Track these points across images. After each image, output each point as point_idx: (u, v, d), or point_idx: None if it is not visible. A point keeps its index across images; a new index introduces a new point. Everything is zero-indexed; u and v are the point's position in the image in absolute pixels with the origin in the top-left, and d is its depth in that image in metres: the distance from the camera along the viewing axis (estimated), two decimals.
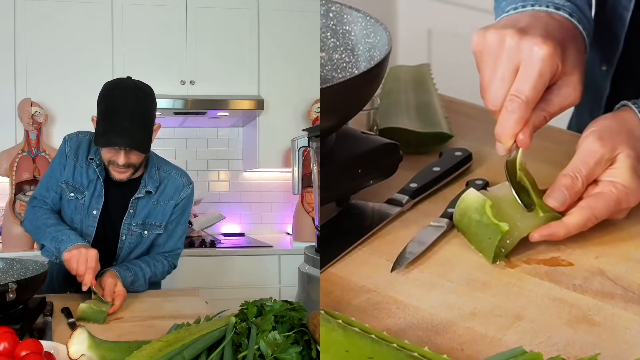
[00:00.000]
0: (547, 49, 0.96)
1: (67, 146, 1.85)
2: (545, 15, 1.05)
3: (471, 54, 1.05)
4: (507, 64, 0.99)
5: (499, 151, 1.02)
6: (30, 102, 3.16)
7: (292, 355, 1.01)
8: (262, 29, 3.52)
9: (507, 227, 0.98)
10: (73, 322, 1.47)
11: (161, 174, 1.87)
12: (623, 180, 0.99)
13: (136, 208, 1.84)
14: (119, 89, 1.72)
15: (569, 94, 1.01)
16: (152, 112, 1.76)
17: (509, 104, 0.98)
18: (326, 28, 1.19)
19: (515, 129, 0.99)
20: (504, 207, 1.01)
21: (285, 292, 3.17)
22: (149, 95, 1.76)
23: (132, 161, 1.75)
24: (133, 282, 1.76)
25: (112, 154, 1.74)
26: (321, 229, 1.07)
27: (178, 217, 1.91)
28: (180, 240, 1.94)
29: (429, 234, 1.05)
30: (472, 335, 0.86)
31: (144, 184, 1.84)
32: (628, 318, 0.87)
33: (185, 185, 1.91)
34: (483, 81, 1.02)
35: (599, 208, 0.99)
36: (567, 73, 1.00)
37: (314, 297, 1.08)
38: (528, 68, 0.97)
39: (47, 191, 1.87)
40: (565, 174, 1.01)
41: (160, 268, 1.88)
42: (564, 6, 1.07)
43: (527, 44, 0.97)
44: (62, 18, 3.29)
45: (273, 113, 3.49)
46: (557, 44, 0.98)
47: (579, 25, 1.07)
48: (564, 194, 1.00)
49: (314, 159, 1.11)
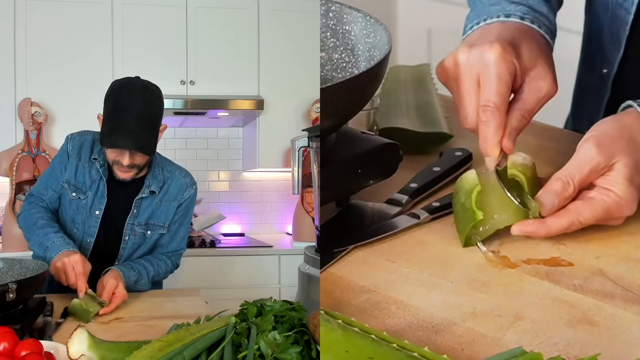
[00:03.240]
0: (495, 50, 0.98)
1: (70, 145, 1.85)
2: (496, 25, 1.07)
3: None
4: (467, 80, 1.00)
5: (489, 166, 1.02)
6: (30, 102, 3.16)
7: (292, 355, 1.01)
8: (262, 29, 3.52)
9: (482, 216, 1.00)
10: (62, 320, 1.49)
11: (165, 174, 1.87)
12: (618, 190, 0.98)
13: (139, 208, 1.84)
14: (127, 89, 1.70)
15: (540, 86, 1.01)
16: (159, 113, 1.75)
17: (482, 115, 0.99)
18: (326, 28, 1.19)
19: (497, 137, 0.99)
20: (492, 196, 1.01)
21: (285, 292, 3.17)
22: (156, 96, 1.75)
23: (137, 162, 1.75)
24: (137, 281, 1.76)
25: (116, 154, 1.73)
26: (321, 229, 1.07)
27: (181, 217, 1.90)
28: (183, 240, 1.94)
29: (404, 221, 1.08)
30: (472, 335, 0.86)
31: (148, 184, 1.84)
32: (628, 318, 0.87)
33: (188, 185, 1.90)
34: (456, 105, 1.04)
35: (585, 214, 0.99)
36: (530, 67, 1.01)
37: (314, 297, 1.08)
38: (486, 75, 0.98)
39: (45, 189, 1.87)
40: (558, 177, 1.00)
41: (164, 267, 1.88)
42: (514, 12, 1.09)
43: (477, 53, 0.99)
44: (62, 18, 3.29)
45: (273, 113, 3.49)
46: (506, 43, 0.99)
47: (533, 24, 1.08)
48: (554, 199, 0.99)
49: (314, 159, 1.11)
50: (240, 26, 3.51)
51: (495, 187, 1.02)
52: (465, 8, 1.23)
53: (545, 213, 1.00)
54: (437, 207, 1.10)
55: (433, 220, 1.09)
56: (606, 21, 1.34)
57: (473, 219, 1.00)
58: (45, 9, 3.28)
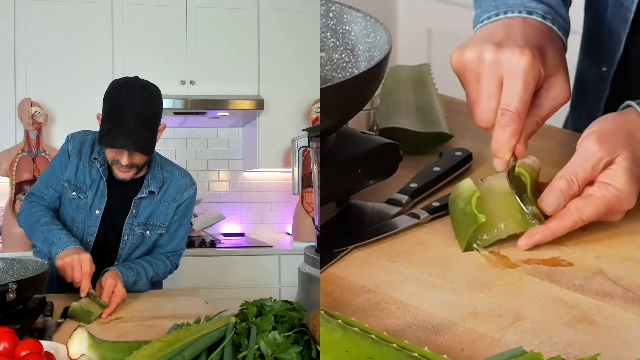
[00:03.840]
0: (527, 58, 0.97)
1: (70, 145, 1.85)
2: (519, 21, 1.05)
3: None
4: (490, 79, 0.99)
5: (497, 167, 1.01)
6: (30, 102, 3.16)
7: (292, 355, 1.01)
8: (262, 29, 3.52)
9: (484, 219, 0.99)
10: (62, 320, 1.50)
11: (164, 174, 1.87)
12: (618, 183, 0.98)
13: (139, 208, 1.84)
14: (126, 88, 1.70)
15: (557, 94, 1.01)
16: (158, 113, 1.75)
17: (501, 118, 0.98)
18: (326, 28, 1.19)
19: (512, 142, 0.99)
20: (492, 202, 1.01)
21: (285, 292, 3.17)
22: (155, 95, 1.75)
23: (136, 162, 1.75)
24: (135, 281, 1.76)
25: (115, 153, 1.74)
26: (321, 229, 1.07)
27: (181, 217, 1.90)
28: (182, 240, 1.94)
29: (404, 221, 1.07)
30: (472, 335, 0.86)
31: (147, 184, 1.84)
32: (628, 318, 0.87)
33: (188, 185, 1.90)
34: (469, 100, 1.03)
35: (587, 212, 0.99)
36: (551, 75, 1.01)
37: (314, 297, 1.08)
38: (512, 80, 0.97)
39: (46, 188, 1.87)
40: (562, 176, 1.00)
41: (163, 268, 1.88)
42: (536, 9, 1.07)
43: (506, 56, 0.97)
44: (62, 18, 3.29)
45: (273, 113, 3.50)
46: (536, 50, 0.98)
47: (554, 26, 1.07)
48: (559, 198, 0.99)
49: (314, 159, 1.11)
50: (240, 26, 3.51)
51: (496, 194, 1.02)
52: (465, 8, 1.22)
53: (550, 213, 1.00)
54: (437, 207, 1.10)
55: (433, 220, 1.09)
56: (606, 19, 1.34)
57: (475, 222, 1.00)
58: (45, 9, 3.28)
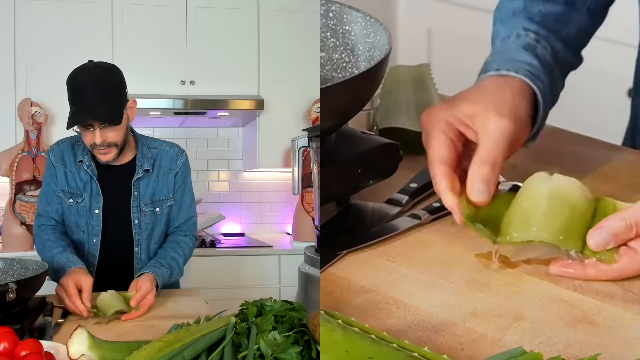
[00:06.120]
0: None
1: (52, 157, 1.88)
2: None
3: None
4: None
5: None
6: (30, 102, 3.16)
7: (292, 355, 1.01)
8: (262, 29, 3.52)
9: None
10: (62, 320, 1.50)
11: (153, 151, 1.90)
12: None
13: (139, 189, 1.85)
14: (80, 72, 1.73)
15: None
16: (115, 84, 1.76)
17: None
18: (326, 28, 1.19)
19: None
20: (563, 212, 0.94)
21: (285, 292, 3.17)
22: (110, 70, 1.78)
23: (111, 139, 1.75)
24: (170, 275, 1.78)
25: (89, 137, 1.74)
26: (321, 229, 1.07)
27: (181, 185, 1.92)
28: (191, 208, 1.96)
29: (405, 223, 1.07)
30: (472, 335, 0.86)
31: (140, 164, 1.86)
32: (628, 318, 0.87)
33: (178, 154, 1.93)
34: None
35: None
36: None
37: (314, 297, 1.08)
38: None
39: (48, 205, 1.88)
40: (622, 218, 0.92)
41: (186, 247, 1.90)
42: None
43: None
44: (62, 18, 3.30)
45: (273, 113, 3.49)
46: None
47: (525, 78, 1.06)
48: (609, 239, 0.92)
49: (314, 159, 1.11)
50: (240, 26, 3.51)
51: (565, 202, 0.94)
52: (466, 8, 1.22)
53: (594, 249, 0.93)
54: (438, 207, 1.09)
55: (434, 221, 1.09)
56: None
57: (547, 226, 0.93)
58: (45, 8, 3.28)
